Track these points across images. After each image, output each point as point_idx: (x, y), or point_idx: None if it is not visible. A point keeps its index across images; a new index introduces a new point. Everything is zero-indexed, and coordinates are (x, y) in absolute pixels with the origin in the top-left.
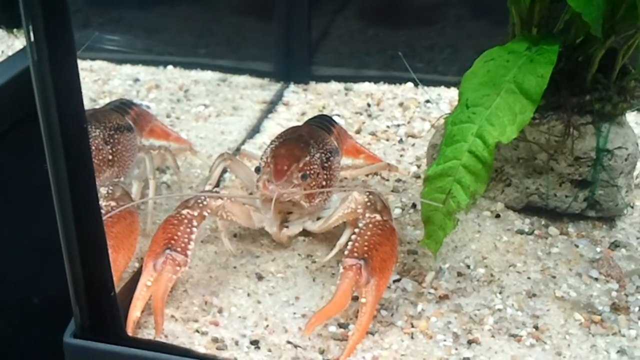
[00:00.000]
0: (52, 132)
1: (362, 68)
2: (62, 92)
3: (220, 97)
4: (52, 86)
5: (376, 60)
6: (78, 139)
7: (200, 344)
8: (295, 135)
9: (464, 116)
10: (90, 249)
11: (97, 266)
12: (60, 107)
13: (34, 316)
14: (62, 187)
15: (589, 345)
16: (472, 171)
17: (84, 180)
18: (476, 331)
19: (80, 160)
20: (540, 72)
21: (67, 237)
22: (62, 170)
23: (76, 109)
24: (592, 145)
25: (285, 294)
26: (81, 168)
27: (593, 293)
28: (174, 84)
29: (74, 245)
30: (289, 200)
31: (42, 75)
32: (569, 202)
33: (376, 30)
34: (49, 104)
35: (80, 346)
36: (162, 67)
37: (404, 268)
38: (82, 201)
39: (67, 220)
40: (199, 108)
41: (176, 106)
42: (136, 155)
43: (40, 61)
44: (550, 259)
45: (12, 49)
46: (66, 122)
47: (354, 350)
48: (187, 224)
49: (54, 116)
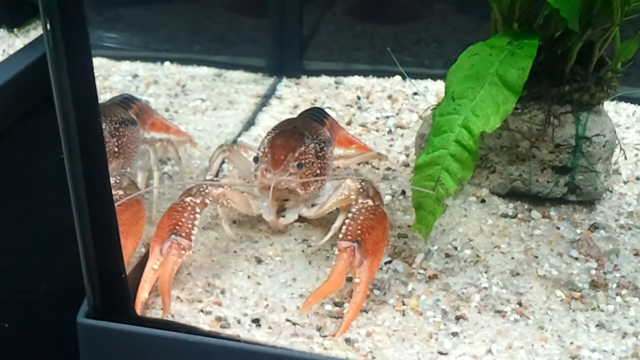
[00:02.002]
0: (67, 119)
1: (351, 62)
2: (76, 79)
3: (216, 92)
4: (67, 73)
5: (365, 54)
6: (92, 128)
7: (205, 322)
8: (291, 127)
9: (450, 108)
10: (103, 233)
11: (109, 250)
12: (75, 94)
13: (43, 301)
14: (77, 173)
15: (570, 319)
16: (459, 159)
17: (97, 166)
18: (463, 308)
19: (94, 144)
20: (521, 65)
21: (81, 223)
22: (76, 156)
23: (90, 95)
24: (572, 133)
25: (283, 275)
26: (95, 153)
27: (573, 271)
28: (171, 80)
29: (88, 231)
30: (286, 188)
31: (57, 62)
32: (551, 187)
33: (364, 26)
34: (64, 91)
35: (93, 326)
36: (160, 63)
37: (395, 250)
38: (95, 186)
39: (82, 207)
40: (196, 102)
41: (174, 101)
42: (140, 147)
43: (55, 49)
44: (532, 240)
45: (14, 47)
46: (81, 109)
47: (350, 326)
48: (191, 211)
49: (68, 103)
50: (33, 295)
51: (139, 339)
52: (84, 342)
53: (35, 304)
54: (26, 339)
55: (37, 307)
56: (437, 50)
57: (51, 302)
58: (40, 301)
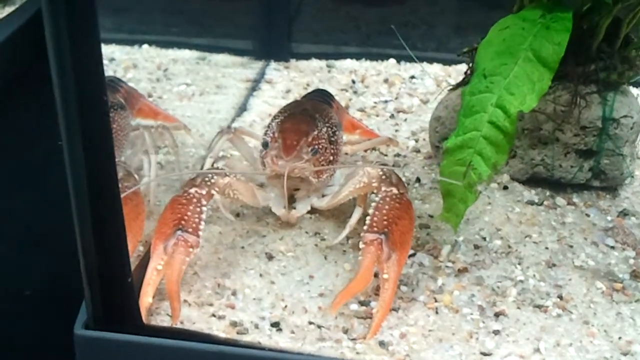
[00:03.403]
0: (67, 100)
1: (341, 45)
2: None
3: (202, 76)
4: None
5: (353, 37)
6: (97, 107)
7: (219, 328)
8: (300, 109)
9: (482, 86)
10: (106, 231)
11: (113, 250)
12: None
13: (27, 310)
14: (78, 165)
15: (614, 313)
16: (493, 142)
17: (101, 155)
18: (501, 303)
19: (98, 127)
20: (556, 40)
21: (81, 220)
22: (78, 141)
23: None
24: (598, 115)
25: (298, 273)
26: (100, 137)
27: (611, 261)
28: (151, 63)
29: (89, 228)
30: (298, 176)
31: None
32: (574, 172)
33: (348, 9)
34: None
35: (93, 337)
36: (137, 46)
37: (418, 242)
38: (98, 177)
39: (82, 202)
40: (181, 87)
41: (157, 85)
42: (129, 134)
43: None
44: (564, 228)
45: None
46: (84, 87)
47: (380, 327)
48: (197, 204)
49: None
50: (13, 303)
51: (147, 350)
52: (82, 355)
53: (16, 314)
54: (9, 348)
55: (19, 317)
56: (428, 32)
57: (35, 310)
58: (23, 310)
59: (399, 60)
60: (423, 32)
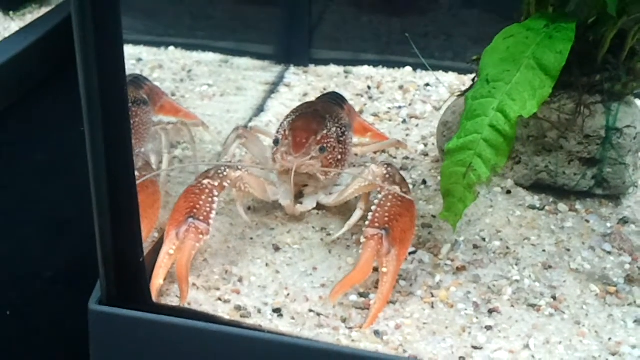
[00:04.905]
0: (90, 88)
1: (359, 52)
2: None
3: (223, 78)
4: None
5: (372, 45)
6: (117, 98)
7: (224, 311)
8: (312, 110)
9: (485, 91)
10: (122, 214)
11: (128, 232)
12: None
13: (47, 288)
14: (98, 149)
15: (606, 315)
16: (493, 145)
17: (119, 141)
18: (496, 301)
19: (117, 118)
20: (558, 49)
21: (100, 204)
22: (98, 130)
23: (117, 64)
24: (602, 124)
25: (303, 264)
26: (119, 128)
27: (607, 265)
28: (176, 64)
29: (106, 211)
30: (306, 173)
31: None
32: (577, 179)
33: (370, 18)
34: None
35: (106, 313)
36: (164, 48)
37: (419, 241)
38: (117, 164)
39: (100, 185)
40: (203, 88)
41: (180, 85)
42: (151, 129)
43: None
44: (563, 233)
45: (9, 31)
46: (106, 79)
47: (377, 318)
48: (209, 194)
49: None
50: (36, 282)
51: (156, 327)
52: (95, 329)
53: (38, 291)
54: (29, 327)
55: (40, 294)
56: (446, 43)
57: (55, 288)
58: (44, 288)
59: (415, 68)
60: (441, 42)
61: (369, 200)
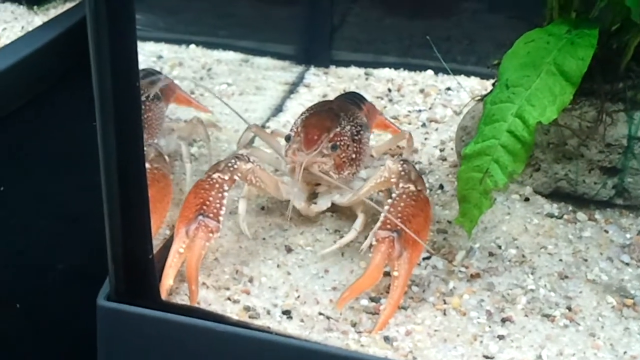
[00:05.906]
0: (103, 85)
1: (380, 55)
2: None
3: (243, 77)
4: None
5: (394, 47)
6: (129, 93)
7: (233, 311)
8: (326, 108)
9: (504, 96)
10: (132, 209)
11: (137, 228)
12: (114, 61)
13: (56, 283)
14: (109, 145)
15: (622, 327)
16: (510, 151)
17: (131, 136)
18: (509, 310)
19: (129, 112)
20: (580, 55)
21: (110, 201)
22: (110, 125)
23: (130, 60)
24: (624, 133)
25: (315, 266)
26: (130, 121)
27: (625, 277)
28: (196, 62)
29: (116, 206)
30: (319, 171)
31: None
32: (598, 189)
33: (393, 20)
34: (103, 57)
35: (114, 309)
36: (185, 46)
37: (434, 246)
38: (127, 160)
39: (111, 182)
40: (222, 86)
41: (200, 83)
42: (163, 125)
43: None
44: (581, 242)
45: (32, 25)
46: (119, 76)
47: (387, 323)
48: (219, 189)
49: (106, 70)
50: (47, 276)
51: (164, 325)
52: (103, 325)
53: (48, 285)
54: (38, 321)
55: (50, 289)
56: (468, 47)
57: (66, 283)
58: (53, 282)
59: (436, 72)
60: (464, 47)
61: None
